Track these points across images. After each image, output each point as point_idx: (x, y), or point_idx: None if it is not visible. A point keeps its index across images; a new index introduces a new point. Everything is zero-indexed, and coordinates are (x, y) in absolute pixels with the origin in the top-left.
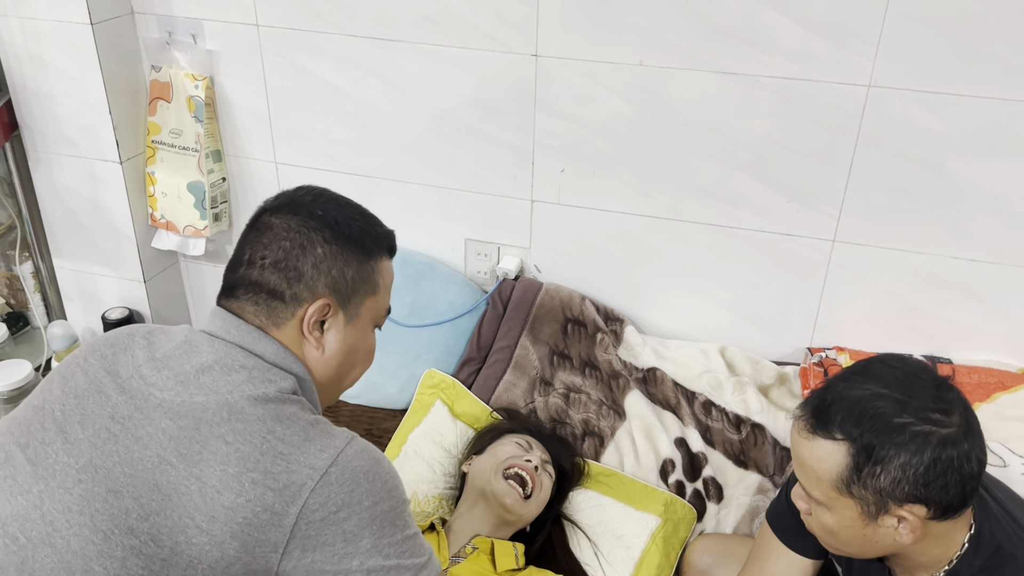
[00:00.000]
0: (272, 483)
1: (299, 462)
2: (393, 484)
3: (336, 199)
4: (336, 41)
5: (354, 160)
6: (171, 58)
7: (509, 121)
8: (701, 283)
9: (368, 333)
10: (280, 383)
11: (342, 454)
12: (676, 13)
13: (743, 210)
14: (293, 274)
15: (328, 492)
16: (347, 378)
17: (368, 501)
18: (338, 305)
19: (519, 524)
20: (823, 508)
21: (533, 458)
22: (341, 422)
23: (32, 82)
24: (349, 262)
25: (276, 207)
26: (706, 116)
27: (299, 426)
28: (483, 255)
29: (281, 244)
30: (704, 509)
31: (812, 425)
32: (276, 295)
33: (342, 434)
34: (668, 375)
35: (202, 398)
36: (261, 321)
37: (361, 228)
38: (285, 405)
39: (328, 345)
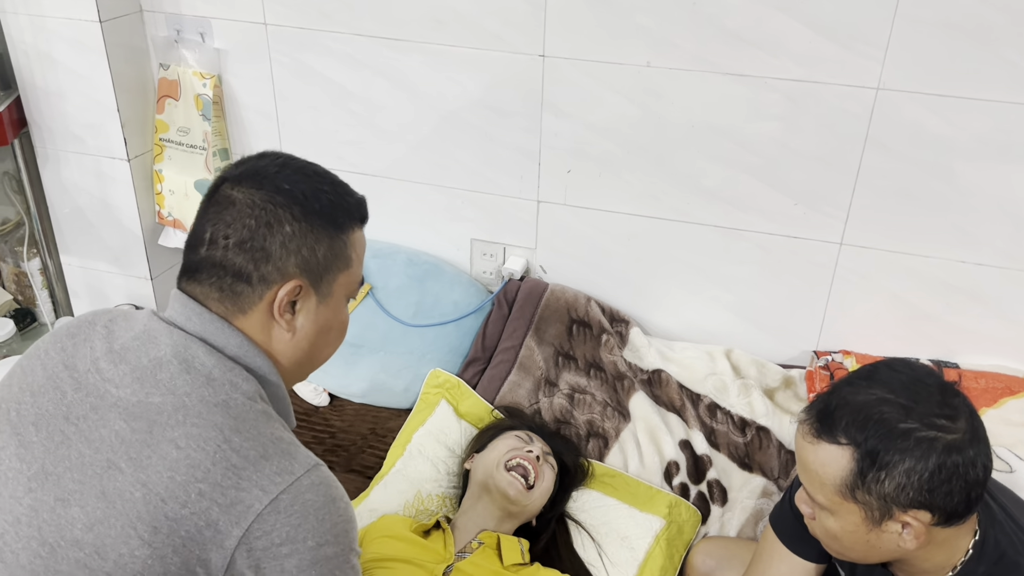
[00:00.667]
0: (220, 497)
1: (251, 480)
2: (343, 529)
3: (303, 169)
4: (344, 41)
5: (361, 160)
6: (179, 56)
7: (516, 122)
8: (707, 285)
9: (341, 309)
10: (243, 386)
11: (297, 482)
12: (684, 15)
13: (750, 213)
14: (260, 255)
15: (274, 521)
16: (320, 356)
17: (312, 541)
18: (310, 285)
19: (523, 516)
20: (827, 513)
21: (534, 449)
22: (346, 421)
23: (41, 79)
24: (320, 239)
25: (237, 178)
26: (713, 118)
27: (259, 441)
28: (489, 255)
29: (245, 222)
30: (708, 512)
31: (817, 430)
32: (242, 277)
33: (304, 460)
34: (673, 377)
35: (158, 398)
36: (225, 307)
37: (331, 200)
38: (247, 414)
39: (300, 327)
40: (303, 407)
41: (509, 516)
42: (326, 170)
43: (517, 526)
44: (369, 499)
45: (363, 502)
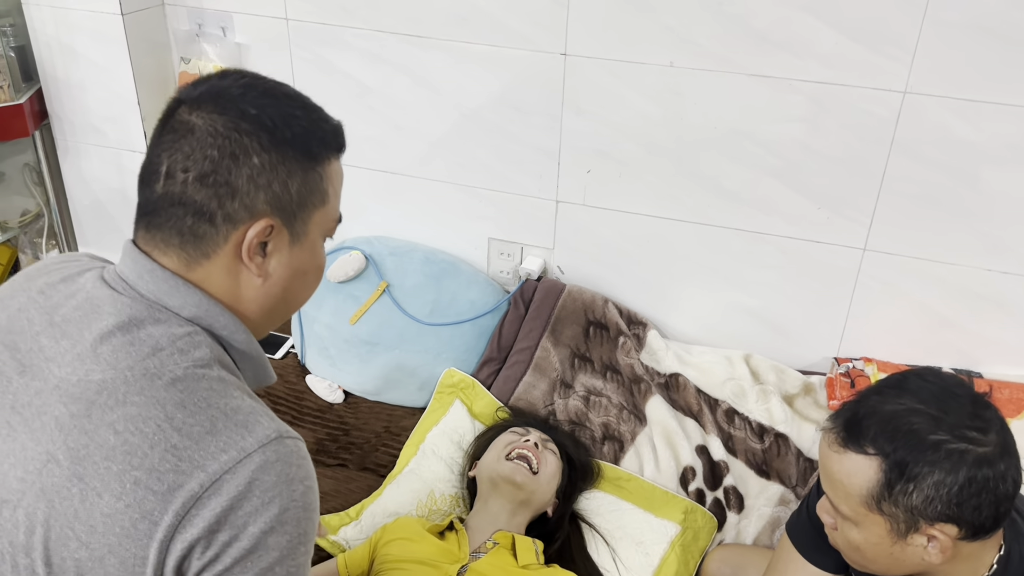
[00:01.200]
0: (156, 484)
1: (192, 461)
2: (295, 516)
3: (271, 90)
4: (365, 37)
5: (379, 157)
6: (200, 50)
7: (536, 121)
8: (727, 289)
9: (318, 250)
10: (195, 352)
11: (247, 459)
12: (709, 15)
13: (772, 216)
14: (224, 190)
15: (215, 504)
16: (295, 302)
17: (256, 528)
18: (282, 224)
19: (535, 505)
20: (850, 523)
21: (531, 437)
22: (360, 418)
23: (63, 72)
24: (293, 172)
25: (196, 100)
26: (736, 119)
27: (208, 414)
28: (506, 255)
29: (207, 153)
30: (724, 518)
31: (843, 439)
32: (204, 216)
33: (262, 431)
34: (691, 381)
35: (99, 375)
36: (187, 254)
37: (305, 127)
38: (197, 384)
39: (272, 271)
40: (317, 404)
41: (521, 506)
42: (297, 91)
43: (531, 518)
44: (382, 498)
45: (376, 501)
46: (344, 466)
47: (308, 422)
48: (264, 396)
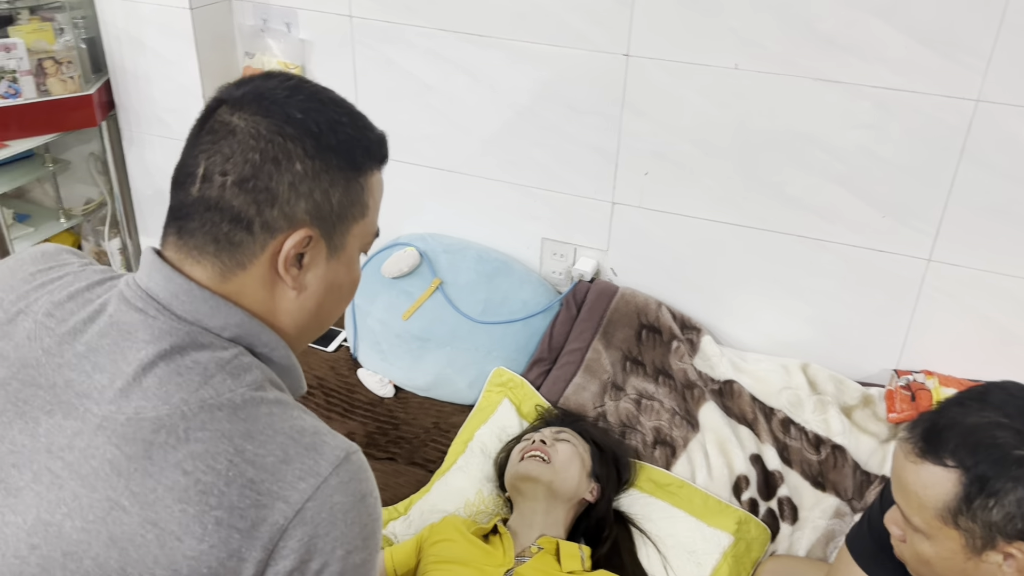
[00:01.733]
0: (239, 522)
1: (271, 494)
2: (372, 531)
3: (317, 94)
4: (427, 35)
5: (436, 154)
6: (265, 45)
7: (595, 121)
8: (785, 297)
9: (354, 264)
10: (247, 376)
11: (325, 484)
12: (775, 18)
13: (834, 223)
14: (264, 196)
15: (301, 534)
16: (328, 318)
17: (342, 550)
18: (321, 235)
19: (563, 494)
20: (921, 536)
21: (536, 436)
22: (410, 413)
23: (131, 64)
24: (336, 181)
25: (238, 101)
26: (801, 124)
27: (277, 441)
28: (559, 255)
29: (248, 156)
30: (777, 529)
31: (921, 449)
32: (242, 223)
33: (331, 453)
34: (746, 389)
35: (151, 412)
36: (223, 264)
37: (351, 135)
38: (258, 411)
39: (308, 284)
40: (368, 397)
41: (549, 500)
42: (343, 98)
43: (571, 513)
44: (431, 494)
45: (424, 497)
46: (393, 460)
47: (359, 415)
48: (317, 388)
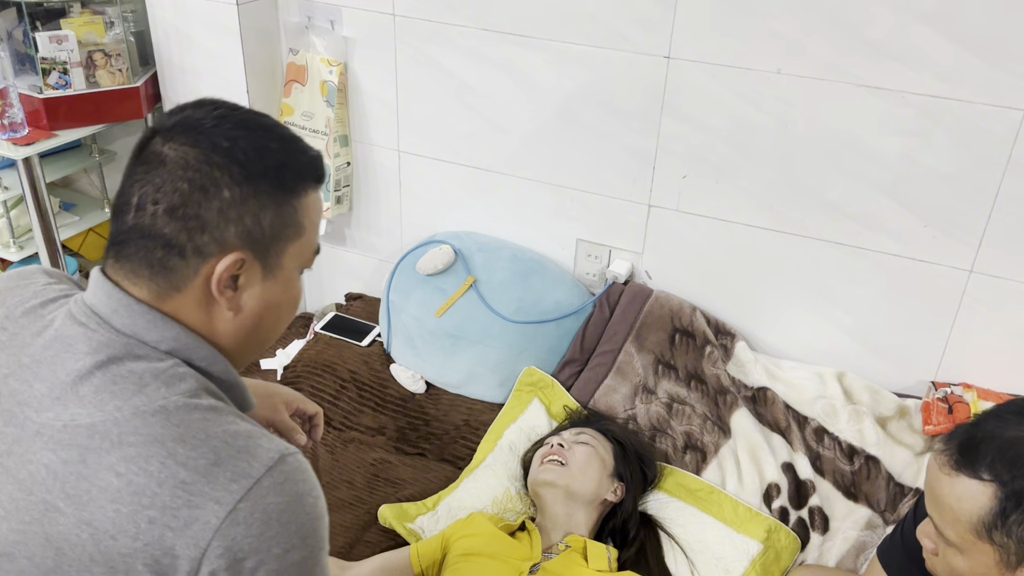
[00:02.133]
0: (172, 521)
1: (203, 494)
2: (311, 528)
3: (246, 121)
4: (468, 34)
5: (473, 153)
6: (308, 42)
7: (633, 123)
8: (822, 304)
9: (292, 283)
10: (181, 385)
11: (257, 486)
12: (821, 22)
13: (875, 231)
14: (194, 223)
15: (235, 534)
16: (269, 335)
17: (278, 548)
18: (255, 258)
19: (583, 495)
20: (954, 550)
21: (553, 440)
22: (440, 410)
23: (178, 57)
24: (265, 205)
25: (169, 131)
26: (843, 130)
27: (209, 445)
28: (594, 257)
29: (177, 185)
30: (807, 539)
31: (957, 462)
32: (174, 250)
33: (265, 455)
34: (780, 396)
35: (87, 419)
36: (158, 287)
37: (279, 160)
38: (191, 416)
39: (244, 305)
40: (400, 392)
41: (570, 502)
42: (275, 121)
43: (595, 514)
44: (459, 491)
45: (452, 493)
46: (423, 456)
47: (390, 410)
48: (350, 382)
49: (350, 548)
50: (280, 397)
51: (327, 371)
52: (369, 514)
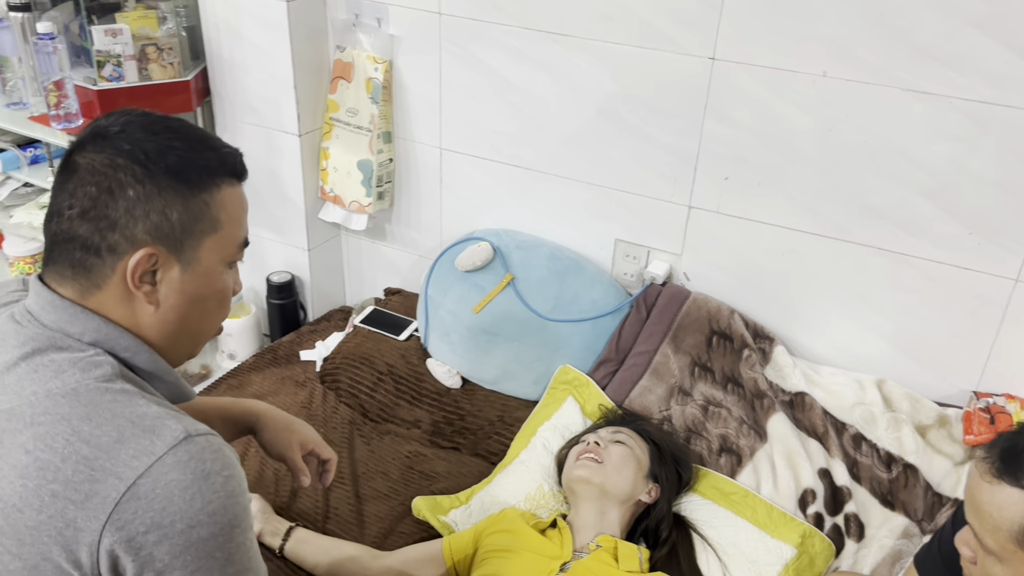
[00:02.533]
0: (73, 494)
1: (105, 469)
2: (221, 506)
3: (149, 125)
4: (512, 33)
5: (514, 151)
6: (355, 39)
7: (675, 124)
8: (863, 311)
9: (216, 277)
10: (96, 371)
11: (159, 463)
12: (869, 25)
13: (919, 238)
14: (104, 223)
15: (135, 508)
16: (201, 328)
17: (182, 524)
18: (168, 252)
19: (617, 494)
20: (994, 559)
21: (590, 438)
22: (476, 405)
23: (228, 52)
24: (171, 201)
25: (81, 143)
26: (889, 135)
27: (114, 424)
28: (632, 257)
29: (87, 190)
30: (842, 546)
31: (998, 469)
32: (90, 249)
33: (170, 433)
34: (818, 402)
35: (6, 404)
36: (80, 285)
37: (181, 157)
38: (101, 396)
39: (164, 299)
40: (435, 387)
41: (604, 501)
42: (183, 124)
43: (628, 514)
44: (492, 486)
45: (486, 488)
46: (457, 450)
47: (426, 403)
48: (387, 375)
49: (384, 538)
50: (297, 436)
51: (365, 363)
52: (403, 505)
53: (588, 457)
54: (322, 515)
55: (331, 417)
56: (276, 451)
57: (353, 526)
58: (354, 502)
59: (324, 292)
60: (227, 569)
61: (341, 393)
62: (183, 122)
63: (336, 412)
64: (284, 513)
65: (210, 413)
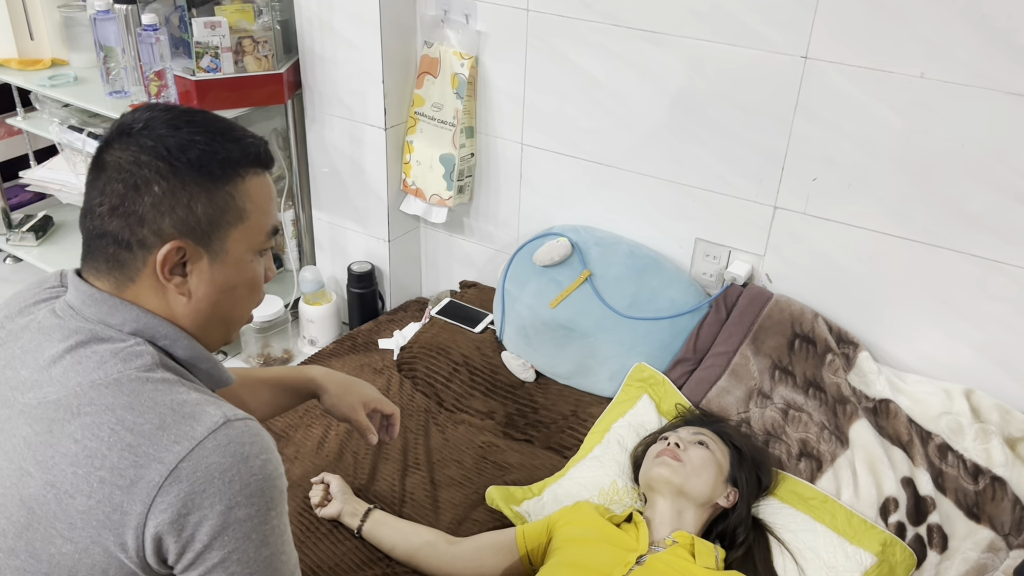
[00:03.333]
0: (119, 480)
1: (148, 455)
2: (258, 488)
3: (172, 120)
4: (600, 30)
5: (595, 148)
6: (443, 35)
7: (763, 123)
8: (953, 319)
9: (246, 266)
10: (137, 360)
11: (199, 447)
12: (969, 27)
13: (1015, 245)
14: (133, 219)
15: (177, 491)
16: (234, 316)
17: (221, 505)
18: (196, 245)
19: (695, 496)
20: None
21: (671, 438)
22: (549, 399)
23: (319, 46)
24: (195, 195)
25: (108, 140)
26: (988, 139)
27: (156, 411)
28: (712, 257)
29: (115, 187)
30: (924, 557)
31: None
32: (122, 244)
33: (209, 420)
34: (903, 410)
35: (54, 395)
36: (116, 279)
37: (203, 151)
38: (142, 387)
39: (195, 290)
40: (509, 380)
41: (681, 500)
42: (206, 117)
43: (705, 516)
44: (565, 479)
45: (559, 481)
46: (530, 442)
47: (499, 396)
48: (463, 366)
49: (458, 524)
50: (358, 397)
51: (441, 354)
52: (477, 494)
53: (668, 456)
54: (399, 499)
55: (407, 405)
56: (340, 413)
57: (428, 511)
58: (429, 488)
59: (402, 283)
60: (262, 551)
61: (417, 382)
62: (207, 115)
63: (412, 400)
64: (362, 495)
65: (267, 384)
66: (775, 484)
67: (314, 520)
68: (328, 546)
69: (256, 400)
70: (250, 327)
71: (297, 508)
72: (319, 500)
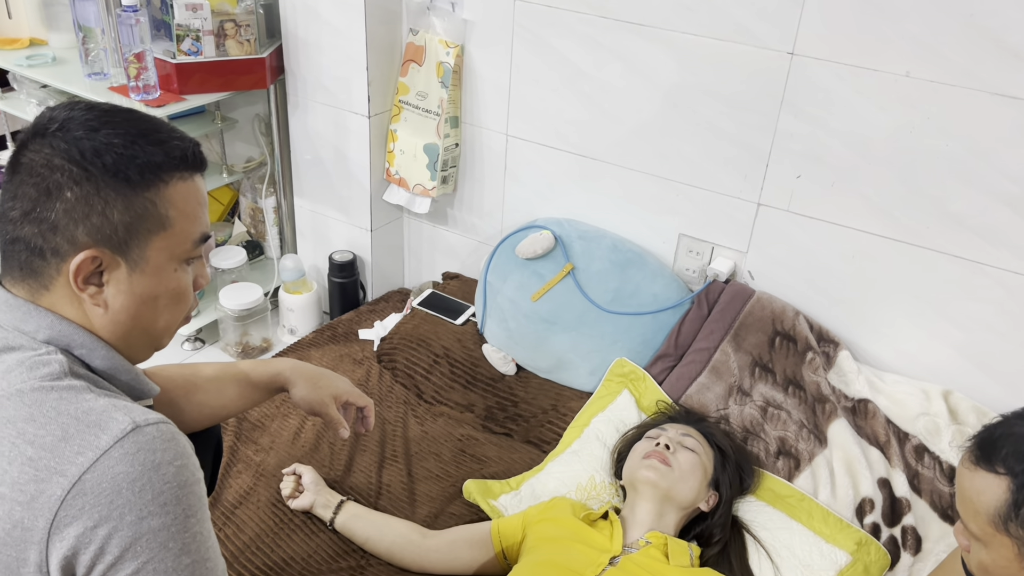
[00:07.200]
0: (19, 496)
1: (49, 468)
2: (172, 496)
3: (89, 121)
4: (588, 21)
5: (581, 141)
6: (429, 23)
7: (749, 119)
8: (934, 319)
9: (169, 276)
10: (44, 369)
11: (105, 456)
12: (957, 25)
13: (998, 247)
14: (46, 226)
15: (82, 503)
16: (156, 327)
17: (132, 516)
18: (113, 254)
19: (679, 500)
20: (980, 544)
21: (662, 439)
22: (530, 393)
23: (303, 31)
24: (111, 201)
25: (25, 141)
26: (973, 139)
27: (59, 422)
28: (695, 253)
29: (27, 191)
30: (898, 557)
31: (976, 456)
32: (35, 251)
33: (117, 426)
34: (881, 410)
35: None
36: (30, 286)
37: (119, 155)
38: (46, 397)
39: (112, 300)
40: (490, 373)
41: (665, 504)
42: (129, 117)
43: (683, 518)
44: (543, 473)
45: (537, 476)
46: (509, 436)
47: (479, 389)
48: (443, 358)
49: (434, 518)
50: (328, 390)
51: (421, 345)
52: (454, 487)
53: (657, 459)
54: (375, 491)
55: (386, 396)
56: (310, 407)
57: (405, 504)
58: (406, 480)
59: (384, 273)
60: (182, 559)
61: (397, 373)
62: (131, 115)
63: (391, 391)
64: (338, 486)
65: (234, 380)
66: (756, 485)
67: (287, 512)
68: (302, 538)
69: (223, 396)
70: (229, 315)
71: (271, 499)
72: (291, 492)
